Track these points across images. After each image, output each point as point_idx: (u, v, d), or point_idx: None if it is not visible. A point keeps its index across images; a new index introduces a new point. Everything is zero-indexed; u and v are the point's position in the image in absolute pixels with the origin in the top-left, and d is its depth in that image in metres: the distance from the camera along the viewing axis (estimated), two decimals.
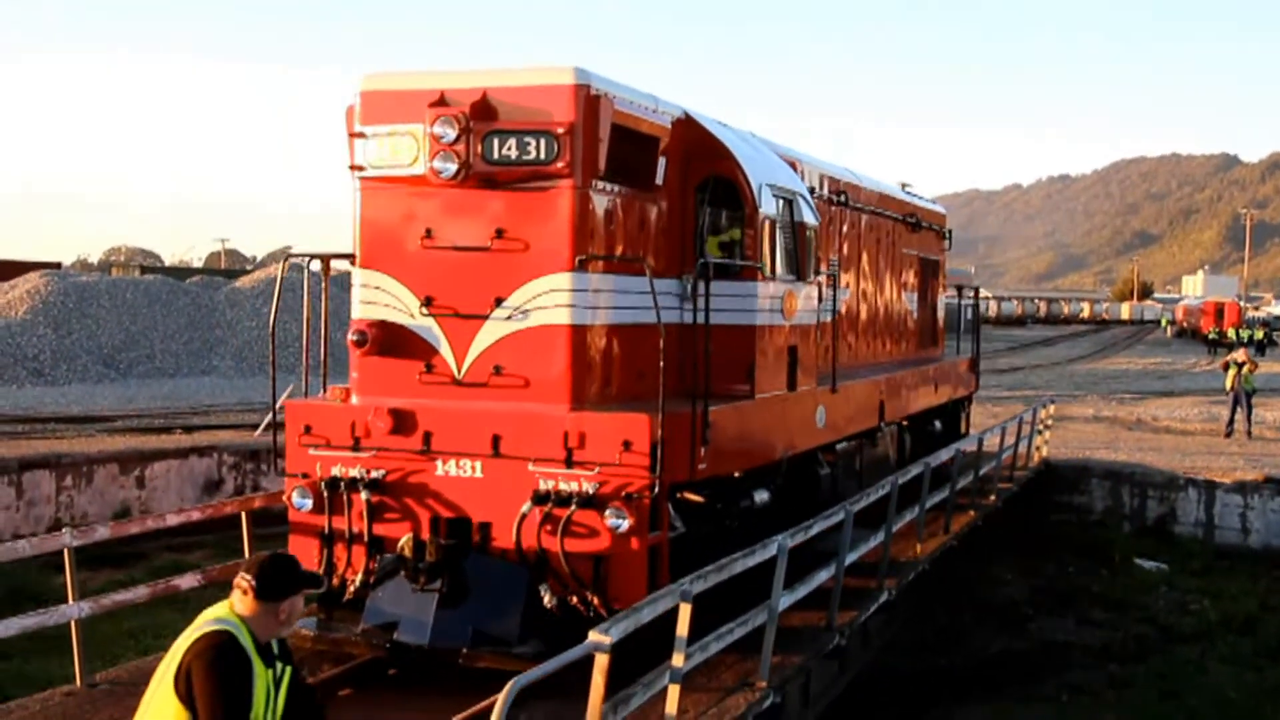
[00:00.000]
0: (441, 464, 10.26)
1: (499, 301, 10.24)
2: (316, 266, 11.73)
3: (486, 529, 10.18)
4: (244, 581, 4.97)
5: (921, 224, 20.11)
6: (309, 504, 10.54)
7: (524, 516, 9.90)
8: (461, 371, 10.39)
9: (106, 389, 36.92)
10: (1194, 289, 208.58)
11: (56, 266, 55.07)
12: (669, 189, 11.44)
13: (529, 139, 9.98)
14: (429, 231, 10.42)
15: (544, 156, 9.95)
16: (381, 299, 10.60)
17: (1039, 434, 23.42)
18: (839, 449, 14.61)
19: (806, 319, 12.96)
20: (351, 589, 10.36)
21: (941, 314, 21.85)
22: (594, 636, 7.27)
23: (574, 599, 9.93)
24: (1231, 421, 30.30)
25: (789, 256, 12.42)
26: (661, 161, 11.24)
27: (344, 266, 12.19)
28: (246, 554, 11.64)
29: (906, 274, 19.46)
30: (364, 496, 10.30)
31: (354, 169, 10.62)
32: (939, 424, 20.48)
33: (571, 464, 9.90)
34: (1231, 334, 78.65)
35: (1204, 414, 34.50)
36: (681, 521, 10.56)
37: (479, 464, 10.17)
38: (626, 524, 9.73)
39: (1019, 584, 17.81)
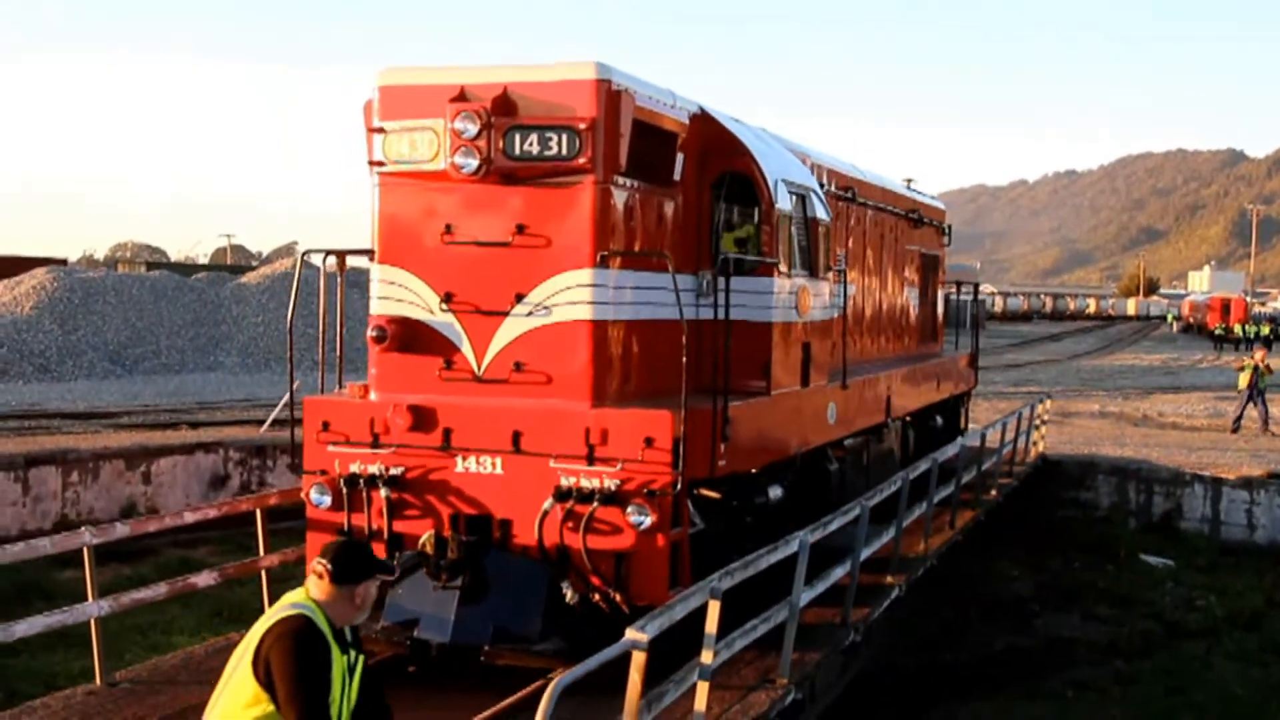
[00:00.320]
0: (461, 461, 10.20)
1: (519, 297, 10.17)
2: (324, 261, 11.65)
3: (507, 526, 10.13)
4: (320, 566, 4.95)
5: (923, 220, 20.12)
6: (327, 501, 10.47)
7: (546, 513, 9.86)
8: (481, 368, 10.33)
9: (112, 385, 36.80)
10: (1200, 285, 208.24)
11: (62, 263, 54.88)
12: (685, 185, 11.40)
13: (551, 134, 9.92)
14: (449, 227, 10.35)
15: (566, 152, 9.90)
16: (401, 295, 10.52)
17: (1036, 429, 23.50)
18: (847, 445, 14.63)
19: (819, 315, 12.95)
20: None
21: (941, 310, 21.87)
22: (631, 634, 7.25)
23: (595, 596, 9.90)
24: (1239, 418, 30.24)
25: (803, 252, 12.41)
26: (679, 157, 11.21)
27: (352, 263, 12.13)
28: (261, 551, 11.58)
29: (908, 270, 19.46)
30: (383, 494, 10.24)
31: (373, 164, 10.55)
32: (940, 419, 20.54)
33: (593, 461, 9.85)
34: (1238, 330, 78.98)
35: (1210, 410, 34.56)
36: (700, 518, 10.56)
37: (499, 461, 10.12)
38: (649, 521, 9.69)
39: (1024, 580, 17.80)
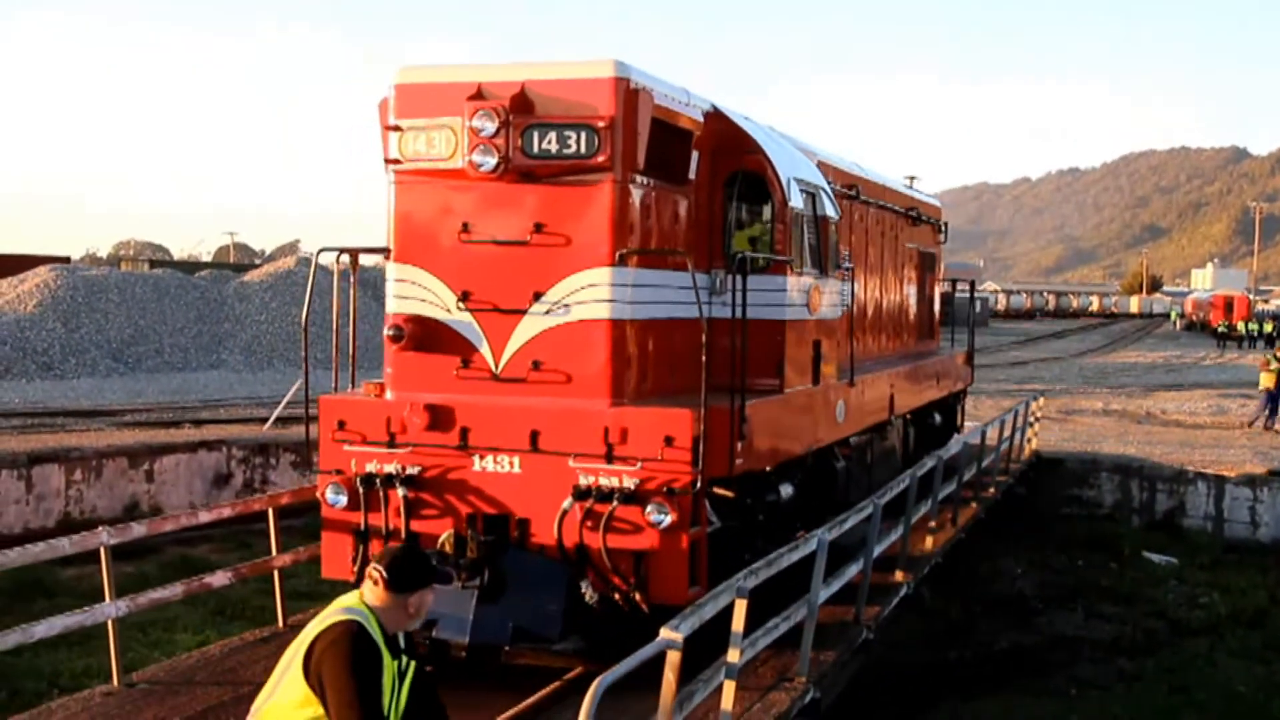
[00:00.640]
0: (479, 460, 10.17)
1: (537, 296, 10.14)
2: (337, 260, 11.59)
3: (524, 525, 10.10)
4: (375, 572, 4.90)
5: (921, 217, 20.15)
6: (343, 500, 10.42)
7: (565, 512, 9.84)
8: (499, 367, 10.30)
9: (115, 383, 36.73)
10: (1203, 282, 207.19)
11: (65, 261, 54.89)
12: (698, 183, 11.40)
13: (569, 133, 9.89)
14: (466, 225, 10.31)
15: (585, 150, 9.87)
16: (417, 294, 10.48)
17: (1029, 426, 23.59)
18: (852, 442, 14.64)
19: (829, 313, 12.95)
20: None
21: (938, 307, 21.91)
22: (665, 634, 7.24)
23: (615, 595, 9.88)
24: (1259, 416, 30.13)
25: (813, 251, 12.40)
26: (694, 155, 11.20)
27: (364, 261, 12.07)
28: (274, 550, 11.52)
29: (907, 268, 19.49)
30: (400, 493, 10.20)
31: (389, 162, 10.50)
32: (939, 417, 20.59)
33: (612, 459, 9.83)
34: (1241, 327, 79.18)
35: (1213, 407, 34.57)
36: (716, 516, 10.55)
37: (517, 460, 10.08)
38: (669, 520, 9.68)
39: (1028, 577, 17.84)
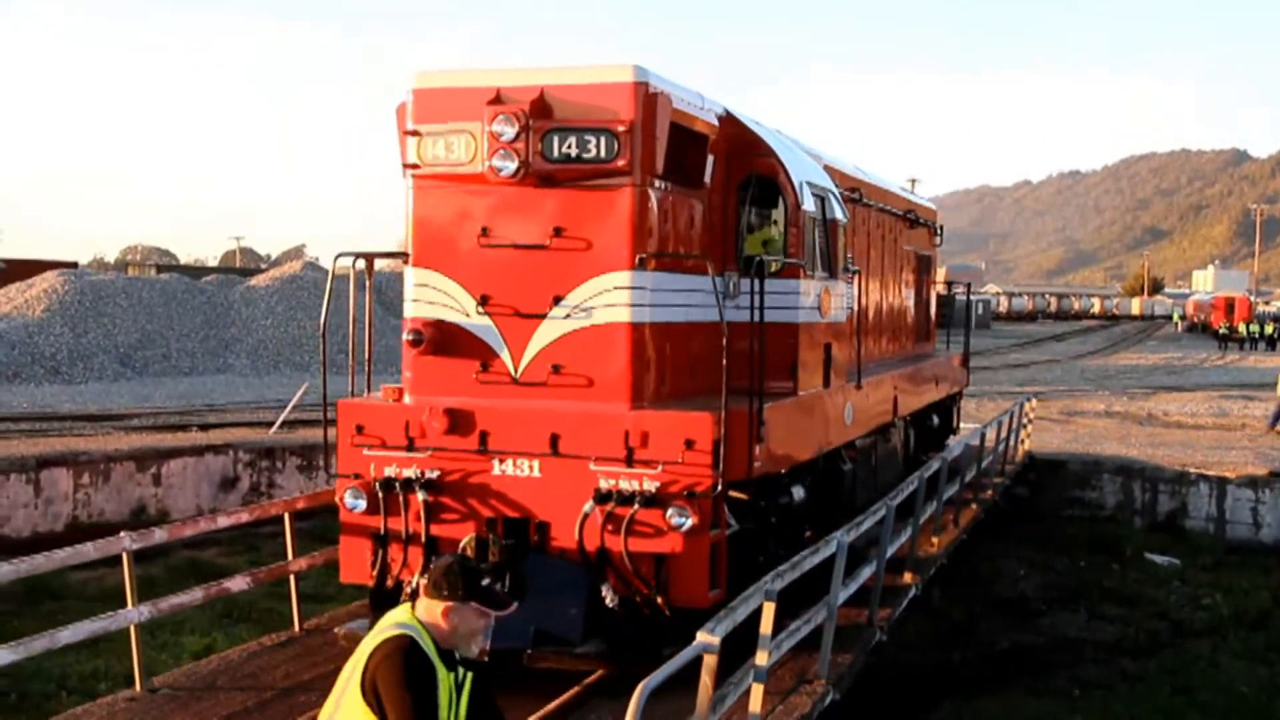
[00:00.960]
0: (499, 463, 10.19)
1: (557, 300, 10.17)
2: (353, 265, 11.58)
3: (544, 528, 10.12)
4: (423, 582, 4.93)
5: (918, 220, 20.26)
6: (362, 504, 10.42)
7: (586, 516, 9.87)
8: (519, 370, 10.32)
9: (123, 387, 36.66)
10: (1204, 284, 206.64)
11: (73, 266, 55.01)
12: (713, 187, 11.44)
13: (589, 137, 9.93)
14: (485, 230, 10.33)
15: (604, 155, 9.91)
16: (436, 298, 10.50)
17: (1023, 427, 23.71)
18: (858, 444, 14.71)
19: (838, 316, 13.02)
20: (408, 590, 10.25)
21: (934, 310, 22.03)
22: (703, 637, 7.28)
23: (636, 598, 9.91)
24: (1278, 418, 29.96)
25: (823, 254, 12.47)
26: (709, 159, 11.25)
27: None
28: (290, 555, 11.51)
29: (905, 270, 19.57)
30: (420, 497, 10.21)
31: (408, 167, 10.51)
32: (936, 419, 20.71)
33: (632, 463, 9.86)
34: (1242, 329, 79.50)
35: (1214, 409, 34.60)
36: (736, 519, 10.59)
37: (536, 463, 10.11)
38: (690, 523, 9.72)
39: (1030, 578, 17.90)
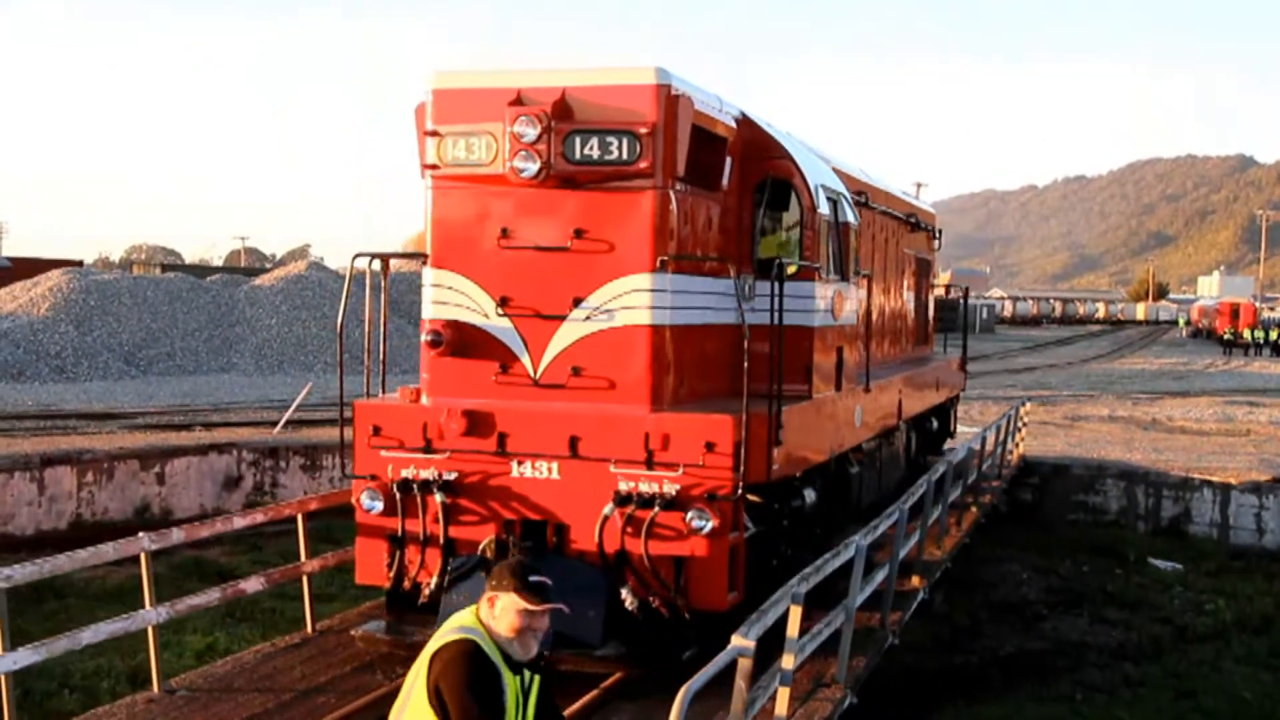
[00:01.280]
0: (517, 465, 10.16)
1: (577, 302, 10.16)
2: (369, 265, 11.53)
3: (563, 531, 10.10)
4: (491, 590, 4.91)
5: (919, 224, 20.32)
6: (379, 506, 10.38)
7: (606, 518, 9.84)
8: (538, 372, 10.29)
9: (127, 386, 36.65)
10: (1210, 290, 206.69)
11: (78, 264, 55.01)
12: (729, 189, 11.44)
13: (611, 139, 9.91)
14: (505, 231, 10.30)
15: (627, 156, 9.89)
16: (455, 299, 10.46)
17: (1017, 431, 23.80)
18: (865, 447, 14.73)
19: (849, 319, 13.04)
20: (426, 592, 10.22)
21: (932, 313, 22.09)
22: (738, 641, 7.27)
23: (655, 601, 9.89)
24: None
25: (836, 257, 12.49)
26: (728, 162, 11.24)
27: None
28: (302, 556, 11.45)
29: (907, 274, 19.63)
30: (438, 498, 10.17)
31: (427, 168, 10.47)
32: (935, 422, 20.78)
33: (652, 465, 9.85)
34: (1247, 334, 79.82)
35: (1219, 414, 34.65)
36: (751, 522, 10.59)
37: (555, 465, 10.08)
38: (710, 525, 9.70)
39: (1033, 583, 17.92)
